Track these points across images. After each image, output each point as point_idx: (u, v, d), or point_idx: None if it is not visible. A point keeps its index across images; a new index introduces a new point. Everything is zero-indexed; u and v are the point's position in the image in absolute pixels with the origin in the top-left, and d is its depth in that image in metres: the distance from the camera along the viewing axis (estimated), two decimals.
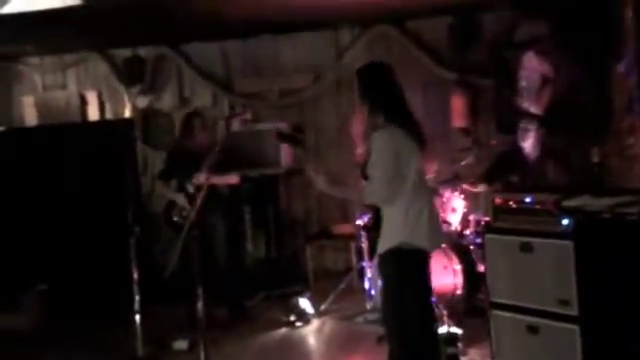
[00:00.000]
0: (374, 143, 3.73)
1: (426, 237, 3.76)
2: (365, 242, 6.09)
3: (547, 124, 6.45)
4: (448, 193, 6.02)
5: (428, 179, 4.37)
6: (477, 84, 7.21)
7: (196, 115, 6.50)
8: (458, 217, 6.04)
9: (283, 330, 6.06)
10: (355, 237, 6.68)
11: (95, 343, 5.99)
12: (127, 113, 8.36)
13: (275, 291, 6.99)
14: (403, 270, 3.77)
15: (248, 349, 5.69)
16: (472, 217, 6.05)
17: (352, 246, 6.98)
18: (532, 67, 6.52)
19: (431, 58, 7.40)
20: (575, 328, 3.77)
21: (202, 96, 8.21)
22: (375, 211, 3.90)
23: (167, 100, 8.34)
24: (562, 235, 3.81)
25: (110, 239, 6.27)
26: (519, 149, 6.62)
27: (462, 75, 7.21)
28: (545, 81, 6.44)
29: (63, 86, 8.66)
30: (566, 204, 3.91)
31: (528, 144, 6.59)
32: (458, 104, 7.18)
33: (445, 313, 5.11)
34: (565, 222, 3.81)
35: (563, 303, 3.81)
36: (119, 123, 8.01)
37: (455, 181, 6.13)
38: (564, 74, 6.34)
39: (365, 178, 3.80)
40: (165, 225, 6.23)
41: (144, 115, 8.32)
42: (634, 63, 5.61)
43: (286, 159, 7.34)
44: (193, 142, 6.23)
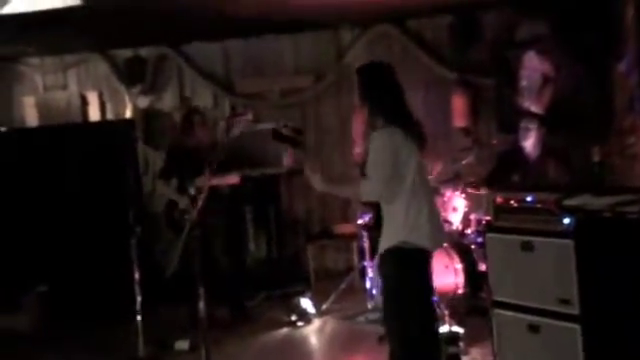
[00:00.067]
0: (373, 143, 3.72)
1: (427, 236, 3.75)
2: (366, 242, 6.10)
3: (548, 123, 6.46)
4: (449, 192, 6.02)
5: (430, 179, 4.36)
6: (478, 83, 7.20)
7: (196, 112, 6.47)
8: (459, 216, 6.04)
9: (284, 330, 6.06)
10: (356, 237, 6.69)
11: (96, 343, 5.99)
12: (128, 113, 8.36)
13: (276, 291, 6.98)
14: (403, 270, 3.76)
15: (249, 349, 5.69)
16: (473, 216, 6.04)
17: (353, 246, 7.00)
18: (533, 66, 6.52)
19: (432, 57, 7.40)
20: (576, 327, 3.76)
21: (203, 96, 8.21)
22: (376, 210, 3.89)
23: (168, 100, 8.35)
24: (563, 234, 3.80)
25: (111, 239, 6.28)
26: (520, 148, 6.63)
27: (463, 74, 7.20)
28: (546, 80, 6.45)
29: (64, 86, 8.66)
30: (567, 203, 3.91)
31: (529, 143, 6.59)
32: (459, 103, 7.18)
33: (446, 312, 5.11)
34: (566, 221, 3.80)
35: (564, 302, 3.80)
36: (120, 123, 8.00)
37: (456, 180, 6.13)
38: (565, 73, 6.35)
39: (364, 177, 3.79)
40: (166, 225, 6.22)
41: (145, 115, 8.32)
42: (635, 62, 5.62)
43: (287, 159, 7.34)
44: (193, 139, 6.18)
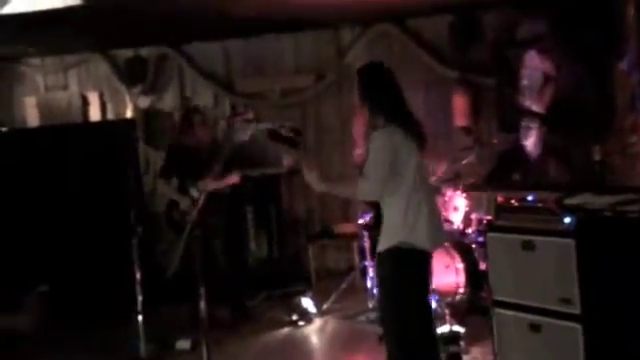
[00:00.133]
0: (373, 142, 3.72)
1: (426, 237, 3.73)
2: (367, 241, 6.09)
3: (549, 122, 6.45)
4: (450, 192, 6.01)
5: (432, 179, 4.35)
6: (479, 83, 7.18)
7: (196, 111, 6.43)
8: (460, 216, 6.02)
9: (285, 330, 6.06)
10: (357, 236, 6.68)
11: (97, 343, 5.99)
12: (129, 113, 8.37)
13: (277, 291, 6.98)
14: (401, 270, 3.74)
15: (250, 349, 5.69)
16: (474, 216, 6.03)
17: (354, 245, 6.99)
18: (534, 65, 6.52)
19: (432, 57, 7.38)
20: (577, 326, 3.76)
21: (204, 96, 8.20)
22: (377, 210, 3.88)
23: (169, 100, 8.35)
24: (564, 233, 3.80)
25: (112, 239, 6.28)
26: (521, 147, 6.62)
27: (463, 74, 7.19)
28: (547, 79, 6.44)
29: (65, 87, 8.67)
30: (568, 202, 3.91)
31: (530, 142, 6.59)
32: (460, 103, 7.17)
33: (447, 312, 5.10)
34: (567, 220, 3.80)
35: (565, 301, 3.80)
36: (121, 123, 8.01)
37: (457, 180, 6.13)
38: (566, 72, 6.34)
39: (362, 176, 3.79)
40: (167, 225, 6.21)
41: (146, 115, 8.33)
42: (636, 61, 5.61)
43: (287, 159, 7.33)
44: (193, 138, 6.15)
